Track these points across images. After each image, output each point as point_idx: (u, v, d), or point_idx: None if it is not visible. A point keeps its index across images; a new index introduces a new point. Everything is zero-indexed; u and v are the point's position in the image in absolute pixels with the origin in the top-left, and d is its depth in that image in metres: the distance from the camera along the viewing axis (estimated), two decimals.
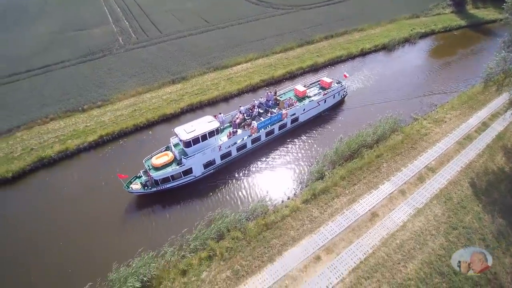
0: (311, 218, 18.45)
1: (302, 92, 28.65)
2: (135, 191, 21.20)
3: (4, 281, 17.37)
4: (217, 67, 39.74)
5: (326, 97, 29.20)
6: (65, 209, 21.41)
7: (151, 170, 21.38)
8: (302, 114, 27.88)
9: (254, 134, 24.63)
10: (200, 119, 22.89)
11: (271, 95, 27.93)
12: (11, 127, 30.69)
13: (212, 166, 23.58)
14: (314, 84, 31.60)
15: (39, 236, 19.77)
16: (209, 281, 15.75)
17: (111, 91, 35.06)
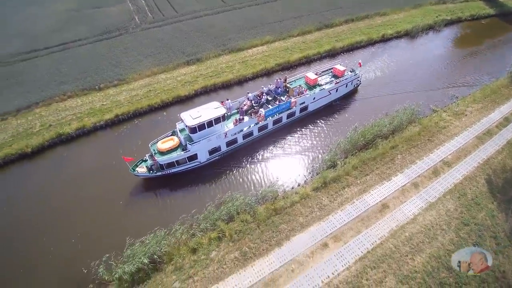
0: (321, 206, 18.57)
1: (313, 80, 27.73)
2: (140, 174, 21.54)
3: (23, 251, 18.54)
4: (232, 49, 39.20)
5: (338, 86, 28.26)
6: (82, 185, 22.22)
7: (157, 154, 21.60)
8: (312, 103, 27.14)
9: (261, 122, 24.26)
10: (206, 105, 22.65)
11: (280, 82, 27.28)
12: (30, 103, 31.58)
13: (218, 153, 23.57)
14: (327, 72, 30.56)
15: (56, 210, 20.76)
16: (217, 260, 16.29)
17: (126, 71, 35.33)
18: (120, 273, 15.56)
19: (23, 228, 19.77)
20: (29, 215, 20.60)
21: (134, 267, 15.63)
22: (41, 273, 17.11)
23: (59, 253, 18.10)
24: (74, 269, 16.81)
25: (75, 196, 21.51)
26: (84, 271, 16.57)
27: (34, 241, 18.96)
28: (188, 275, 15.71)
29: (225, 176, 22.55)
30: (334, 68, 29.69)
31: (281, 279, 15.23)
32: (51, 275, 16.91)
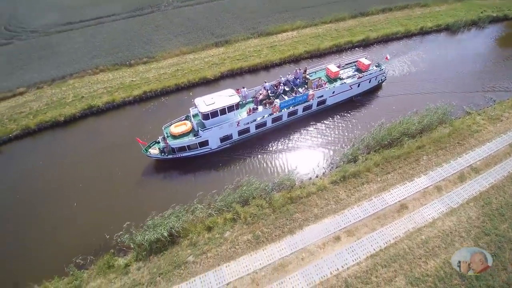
0: (337, 199, 18.58)
1: (334, 73, 26.63)
2: (152, 156, 22.14)
3: (51, 214, 20.16)
4: (261, 33, 38.74)
5: (361, 80, 26.97)
6: (109, 156, 23.41)
7: (169, 137, 22.04)
8: (330, 97, 26.22)
9: (276, 113, 23.88)
10: (221, 92, 22.52)
11: (300, 73, 26.39)
12: (64, 74, 33.25)
13: (229, 141, 23.63)
14: (350, 65, 29.13)
15: (83, 178, 22.15)
16: (231, 241, 16.91)
17: (156, 49, 36.02)
18: (140, 239, 16.60)
19: (52, 192, 21.39)
20: (59, 180, 22.17)
21: (154, 237, 16.57)
22: (67, 236, 18.60)
23: (85, 218, 19.54)
24: (97, 235, 18.11)
25: (101, 166, 22.77)
26: (107, 236, 17.76)
27: (61, 205, 20.53)
28: (202, 251, 16.48)
29: (244, 161, 22.90)
30: (359, 62, 28.28)
31: (291, 266, 15.63)
32: (76, 239, 18.34)
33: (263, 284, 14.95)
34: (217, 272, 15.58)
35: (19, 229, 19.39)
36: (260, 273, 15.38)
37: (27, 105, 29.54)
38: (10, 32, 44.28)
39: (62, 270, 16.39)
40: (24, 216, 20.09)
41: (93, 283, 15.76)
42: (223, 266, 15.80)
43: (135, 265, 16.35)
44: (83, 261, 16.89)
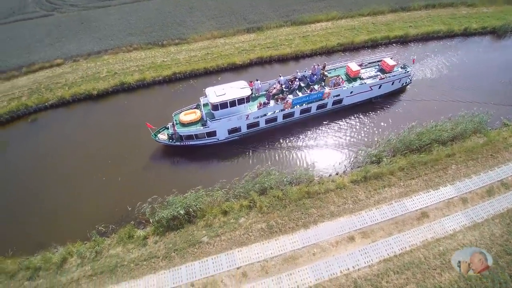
0: (355, 200, 18.32)
1: (354, 72, 25.33)
2: (161, 141, 22.42)
3: (79, 182, 21.44)
4: (295, 21, 37.83)
5: (383, 82, 25.44)
6: (137, 133, 24.09)
7: (178, 125, 22.22)
8: (348, 96, 25.08)
9: (287, 109, 23.29)
10: (233, 83, 22.15)
11: (318, 69, 25.27)
12: (100, 49, 34.42)
13: (237, 133, 23.46)
14: (373, 64, 27.50)
15: (110, 151, 23.22)
16: (245, 227, 17.30)
17: (189, 31, 36.30)
18: (160, 215, 17.42)
19: (81, 162, 22.65)
20: (89, 151, 23.40)
21: (171, 214, 17.31)
22: (92, 205, 19.81)
23: (110, 190, 20.70)
24: (120, 206, 19.12)
25: (128, 142, 23.71)
26: (129, 208, 18.77)
27: (88, 175, 21.76)
28: (217, 233, 17.02)
29: (266, 153, 22.94)
30: (383, 61, 26.55)
31: (301, 259, 15.80)
32: (101, 208, 19.51)
33: (272, 272, 15.28)
34: (229, 255, 16.08)
35: (49, 193, 20.89)
36: (270, 262, 15.70)
37: (63, 77, 31.05)
38: (51, 4, 46.14)
39: (85, 235, 17.62)
40: (54, 182, 21.57)
41: (112, 251, 16.82)
42: (235, 250, 16.27)
43: (152, 238, 17.23)
44: (105, 229, 18.06)
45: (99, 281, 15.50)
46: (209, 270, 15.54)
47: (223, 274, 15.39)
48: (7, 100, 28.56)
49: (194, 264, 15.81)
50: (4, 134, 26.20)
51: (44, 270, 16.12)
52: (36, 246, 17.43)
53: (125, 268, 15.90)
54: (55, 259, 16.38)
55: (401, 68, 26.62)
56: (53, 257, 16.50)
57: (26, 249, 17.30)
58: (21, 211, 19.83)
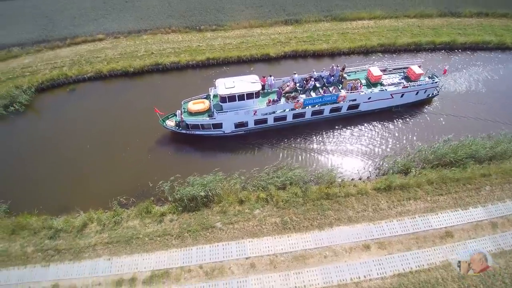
0: (376, 208, 17.57)
1: (375, 77, 23.74)
2: (168, 127, 22.55)
3: (106, 153, 22.40)
4: (335, 17, 36.54)
5: (406, 91, 23.78)
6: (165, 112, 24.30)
7: (185, 113, 22.27)
8: (365, 102, 23.65)
9: (298, 109, 22.44)
10: (244, 77, 21.70)
11: (337, 70, 23.90)
12: (140, 29, 35.41)
13: (244, 128, 23.06)
14: (398, 71, 25.69)
15: (138, 128, 23.85)
16: (259, 219, 17.24)
17: (227, 18, 36.29)
18: (180, 194, 17.87)
19: (111, 134, 23.65)
20: (120, 125, 24.37)
21: (191, 194, 17.65)
22: (117, 176, 20.73)
23: (134, 164, 21.50)
24: (142, 181, 19.80)
25: (156, 120, 24.30)
26: (150, 184, 19.39)
27: (117, 147, 22.77)
28: (230, 221, 17.13)
29: (288, 148, 22.58)
30: (409, 69, 24.73)
31: (311, 260, 15.52)
32: (124, 180, 20.36)
33: (281, 268, 15.16)
34: (239, 244, 16.16)
35: (78, 160, 22.08)
36: (280, 258, 15.59)
37: (103, 52, 32.34)
38: None
39: (107, 205, 18.50)
40: (84, 150, 22.77)
41: (130, 222, 17.52)
42: (247, 240, 16.31)
43: (169, 216, 17.71)
44: (126, 201, 18.85)
45: (114, 250, 16.25)
46: (219, 255, 15.73)
47: (231, 261, 15.52)
48: (49, 68, 30.34)
49: (205, 248, 16.07)
50: (44, 100, 27.95)
51: (65, 232, 17.19)
52: (61, 209, 18.66)
53: (140, 241, 16.51)
54: (76, 223, 17.40)
55: (428, 77, 24.68)
56: (75, 221, 17.54)
57: (52, 210, 18.58)
58: (52, 174, 21.18)
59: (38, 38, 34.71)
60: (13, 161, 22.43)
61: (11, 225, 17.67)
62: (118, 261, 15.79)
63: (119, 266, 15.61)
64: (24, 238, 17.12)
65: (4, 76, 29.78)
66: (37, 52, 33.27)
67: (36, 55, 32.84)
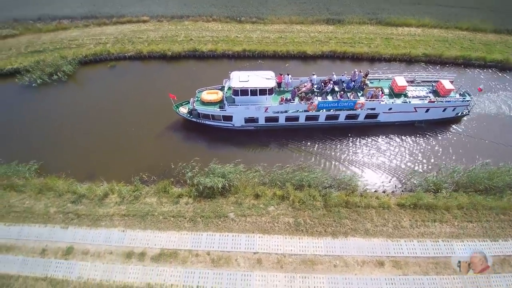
0: (397, 225, 16.60)
1: (399, 87, 22.39)
2: (181, 114, 22.84)
3: (137, 127, 23.19)
4: (381, 21, 34.98)
5: (432, 105, 22.13)
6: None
7: (198, 102, 22.31)
8: (385, 113, 22.37)
9: (311, 112, 21.70)
10: (259, 72, 21.43)
11: (359, 75, 22.76)
12: (183, 14, 36.15)
13: (253, 124, 22.73)
14: (427, 83, 23.90)
15: (168, 111, 24.17)
16: (272, 216, 16.99)
17: (268, 11, 36.05)
18: (199, 181, 18.04)
19: (144, 111, 24.39)
20: (152, 105, 25.11)
21: (210, 183, 17.74)
22: (142, 153, 21.48)
23: (160, 144, 22.21)
24: (165, 162, 20.32)
25: None
26: (172, 166, 19.80)
27: (144, 124, 23.57)
28: (244, 213, 17.05)
29: (313, 150, 22.05)
30: (439, 83, 22.91)
31: (320, 267, 15.03)
32: (149, 158, 21.06)
33: (287, 269, 14.84)
34: (249, 237, 16.05)
35: (110, 132, 23.19)
36: (288, 258, 15.26)
37: (146, 33, 33.45)
38: None
39: (129, 179, 19.19)
40: (116, 124, 23.85)
41: (148, 199, 18.06)
42: (257, 235, 16.15)
43: (185, 199, 18.02)
44: (147, 178, 19.47)
45: (129, 223, 16.84)
46: (227, 245, 15.73)
47: (239, 253, 15.45)
48: (94, 43, 31.94)
49: (215, 235, 16.14)
50: (85, 72, 29.50)
51: (87, 198, 18.10)
52: (87, 176, 19.72)
53: (154, 218, 16.96)
54: (98, 191, 18.22)
55: (459, 94, 22.80)
56: (98, 189, 18.37)
57: (78, 176, 19.66)
58: (83, 143, 22.37)
59: (87, 13, 36.68)
60: (50, 125, 24.00)
61: (39, 184, 18.95)
62: (132, 234, 16.34)
63: (132, 239, 16.15)
64: (49, 199, 18.26)
65: (52, 46, 31.84)
66: (85, 26, 35.19)
67: (83, 30, 34.75)
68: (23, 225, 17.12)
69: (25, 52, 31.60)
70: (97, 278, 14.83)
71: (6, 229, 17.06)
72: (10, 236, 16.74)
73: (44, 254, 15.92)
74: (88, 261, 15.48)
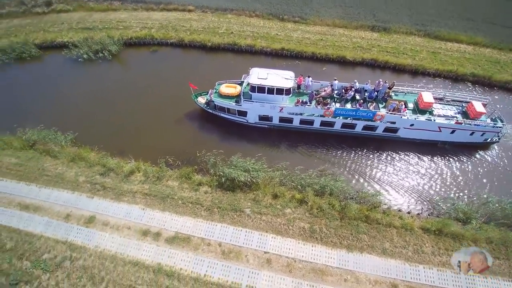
0: (418, 249, 15.71)
1: (425, 103, 21.11)
2: (198, 104, 23.38)
3: (170, 113, 23.86)
4: (429, 33, 33.02)
5: (458, 127, 20.64)
6: None
7: (216, 93, 22.60)
8: (406, 128, 21.26)
9: (327, 118, 21.19)
10: (280, 71, 21.50)
11: (384, 86, 21.69)
12: (227, 8, 36.54)
13: (267, 122, 22.69)
14: (457, 103, 22.32)
15: None
16: (288, 218, 16.80)
17: (312, 12, 35.43)
18: (221, 171, 18.34)
19: (178, 98, 25.00)
20: (187, 91, 25.47)
21: (234, 174, 17.90)
22: (171, 138, 22.19)
23: (189, 131, 22.98)
24: (192, 149, 20.81)
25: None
26: (198, 154, 20.24)
27: (179, 111, 24.34)
28: (260, 211, 17.03)
29: (340, 155, 21.62)
30: (470, 104, 21.35)
31: (330, 278, 14.66)
32: (177, 143, 21.70)
33: (296, 275, 14.64)
34: (262, 236, 16.02)
35: (144, 112, 24.19)
36: (298, 264, 15.05)
37: (189, 22, 34.25)
38: None
39: (156, 161, 19.88)
40: (151, 106, 24.81)
41: (170, 182, 18.63)
42: (270, 235, 16.07)
43: (204, 188, 18.37)
44: (172, 162, 20.05)
45: (149, 202, 17.48)
46: (239, 240, 15.82)
47: (250, 250, 15.49)
48: (140, 27, 33.28)
49: (229, 228, 16.29)
50: (129, 54, 30.89)
51: (115, 173, 19.05)
52: (117, 152, 20.75)
53: (173, 202, 17.47)
54: (126, 168, 19.11)
55: (491, 119, 21.04)
56: (125, 166, 19.27)
57: (109, 151, 20.72)
58: (118, 119, 23.58)
59: None
60: (89, 100, 25.46)
61: (73, 153, 20.26)
62: (150, 214, 16.95)
63: (150, 218, 16.76)
64: (79, 168, 19.43)
65: (102, 25, 33.63)
66: (134, 10, 36.75)
67: (131, 13, 36.32)
68: (53, 189, 18.37)
69: (76, 28, 33.69)
70: (112, 250, 15.59)
71: (37, 190, 18.41)
72: (40, 197, 18.05)
73: (68, 219, 17.00)
74: (107, 232, 16.30)
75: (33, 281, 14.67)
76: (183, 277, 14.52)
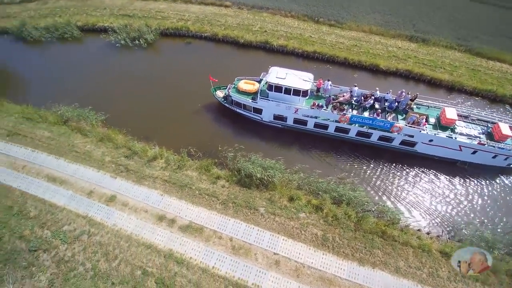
0: (433, 272, 15.05)
1: (448, 120, 20.07)
2: (217, 97, 23.77)
3: (197, 105, 24.34)
4: (471, 49, 31.23)
5: (480, 148, 19.48)
6: None
7: (233, 89, 22.81)
8: (424, 143, 20.36)
9: (342, 124, 20.74)
10: (299, 72, 21.40)
11: (406, 97, 20.90)
12: (263, 6, 36.54)
13: (281, 122, 22.65)
14: (482, 123, 21.04)
15: None
16: (301, 223, 16.68)
17: (349, 17, 34.66)
18: (240, 165, 18.65)
19: (203, 90, 25.18)
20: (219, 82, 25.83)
21: (249, 170, 18.11)
22: (195, 129, 22.72)
23: (212, 124, 23.41)
24: (214, 142, 21.20)
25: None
26: (219, 148, 20.57)
27: (207, 105, 24.72)
28: (274, 212, 17.03)
29: (360, 164, 21.19)
30: (496, 125, 20.06)
31: None
32: (200, 135, 22.18)
33: (303, 280, 14.53)
34: (273, 237, 16.01)
35: (172, 103, 24.89)
36: (306, 270, 14.91)
37: (224, 18, 34.63)
38: None
39: (178, 149, 20.47)
40: (181, 96, 25.55)
41: (189, 172, 19.09)
42: (281, 237, 16.04)
43: (222, 181, 18.66)
44: (194, 153, 20.48)
45: (168, 189, 18.00)
46: (251, 238, 15.92)
47: (259, 249, 15.55)
48: (177, 18, 34.09)
49: (241, 224, 16.43)
50: (164, 43, 31.76)
51: (139, 157, 19.79)
52: (143, 137, 21.47)
53: (191, 192, 17.88)
54: (149, 153, 19.80)
55: None
56: (149, 151, 19.94)
57: (136, 135, 21.55)
58: (148, 106, 24.47)
59: None
60: (123, 84, 26.53)
61: (102, 134, 21.28)
62: (168, 200, 17.44)
63: (167, 204, 17.25)
64: (107, 148, 20.34)
65: (141, 13, 34.84)
66: (173, 1, 37.73)
67: (170, 4, 37.29)
68: (80, 165, 19.36)
69: (117, 14, 35.11)
70: (128, 230, 16.23)
71: (65, 164, 19.47)
72: (67, 172, 19.08)
73: (91, 195, 17.86)
74: (125, 212, 16.97)
75: (51, 250, 15.57)
76: (192, 266, 14.84)
